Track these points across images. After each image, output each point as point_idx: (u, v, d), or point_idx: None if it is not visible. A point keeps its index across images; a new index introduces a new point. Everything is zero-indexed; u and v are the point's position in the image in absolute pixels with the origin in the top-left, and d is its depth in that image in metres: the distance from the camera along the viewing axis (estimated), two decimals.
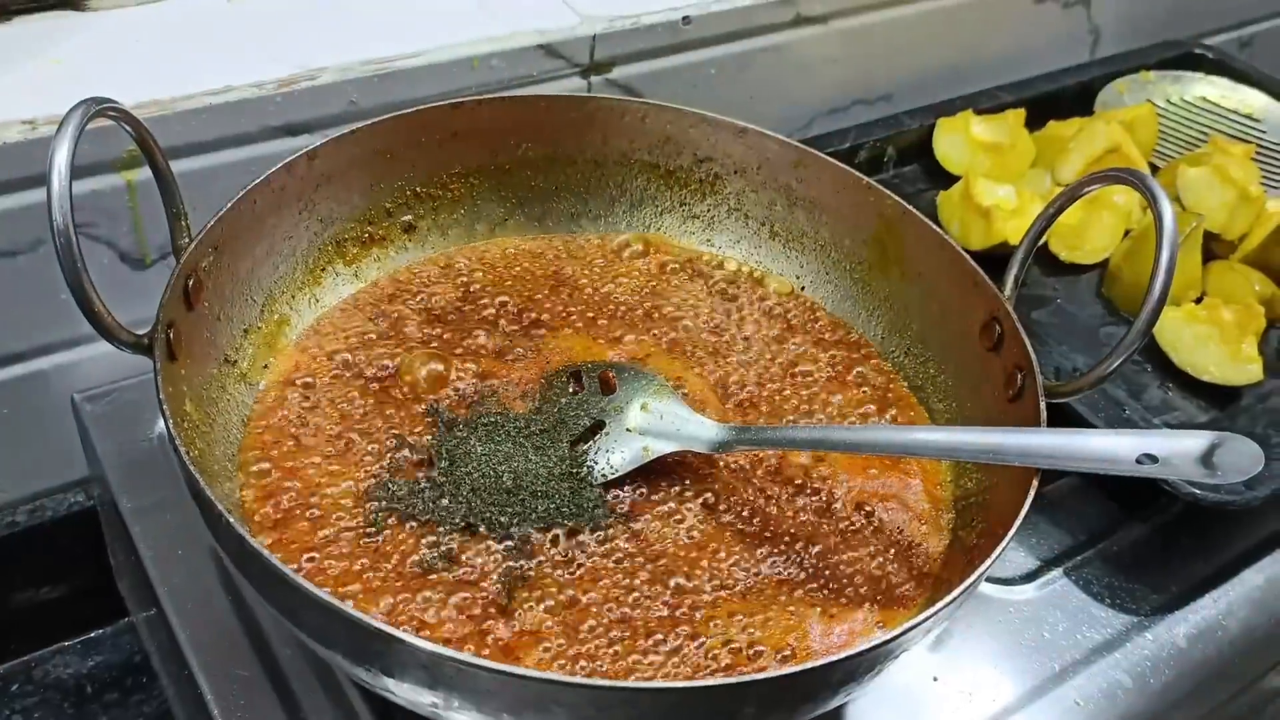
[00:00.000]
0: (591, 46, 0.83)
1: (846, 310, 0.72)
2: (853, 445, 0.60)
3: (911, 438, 0.58)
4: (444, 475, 0.57)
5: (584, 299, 0.71)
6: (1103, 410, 0.73)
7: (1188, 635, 0.67)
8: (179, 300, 0.55)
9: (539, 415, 0.62)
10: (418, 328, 0.67)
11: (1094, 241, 0.90)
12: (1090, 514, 0.73)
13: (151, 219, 0.70)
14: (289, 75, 0.72)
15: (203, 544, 0.64)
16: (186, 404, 0.55)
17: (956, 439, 0.57)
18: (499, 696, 0.44)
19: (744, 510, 0.60)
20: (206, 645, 0.59)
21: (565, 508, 0.57)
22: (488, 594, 0.53)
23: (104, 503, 0.72)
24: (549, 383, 0.64)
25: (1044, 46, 1.13)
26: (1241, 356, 0.80)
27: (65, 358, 0.73)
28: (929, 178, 0.98)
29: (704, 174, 0.75)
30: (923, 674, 0.62)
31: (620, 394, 0.62)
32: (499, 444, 0.59)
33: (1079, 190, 0.60)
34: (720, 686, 0.45)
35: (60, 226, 0.47)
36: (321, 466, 0.58)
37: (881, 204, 0.69)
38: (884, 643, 0.46)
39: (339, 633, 0.45)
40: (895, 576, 0.58)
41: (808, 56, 0.96)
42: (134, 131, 0.54)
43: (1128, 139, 0.95)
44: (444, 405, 0.62)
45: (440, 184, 0.72)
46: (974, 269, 0.64)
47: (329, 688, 0.58)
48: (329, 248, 0.68)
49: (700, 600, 0.55)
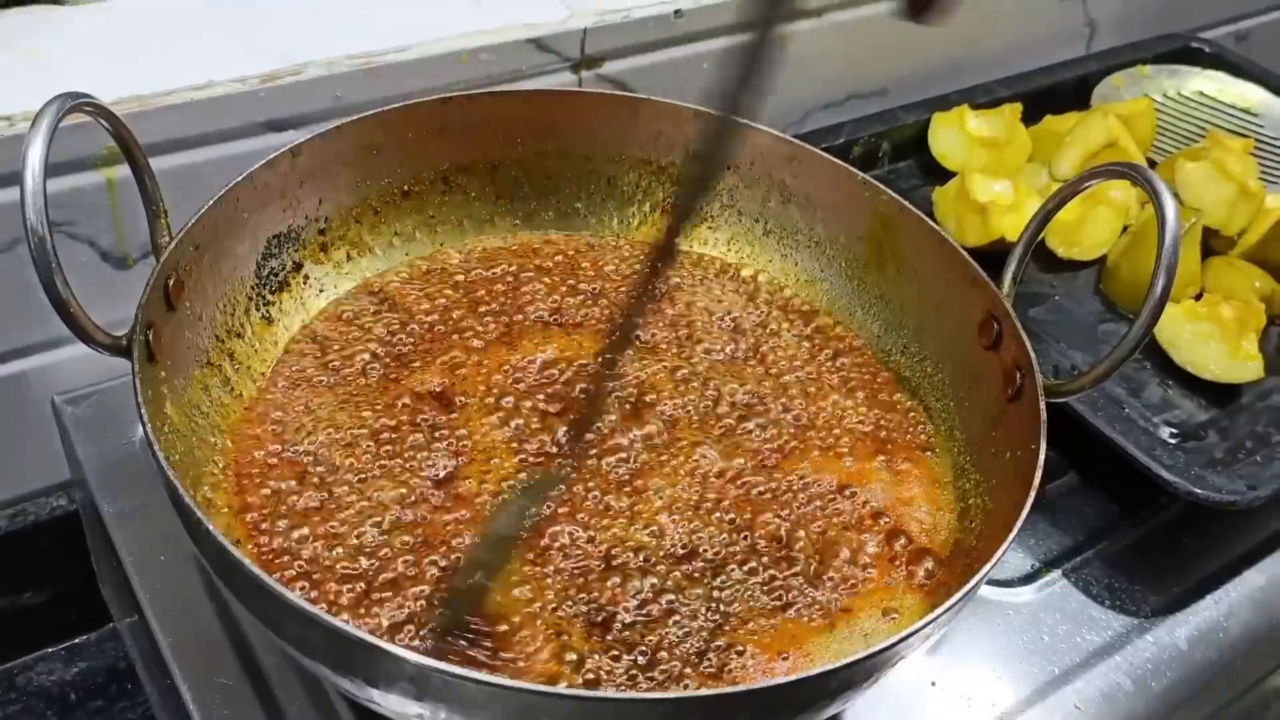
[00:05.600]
0: (582, 40, 0.81)
1: (842, 308, 0.71)
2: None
3: None
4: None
5: (575, 298, 0.70)
6: (1102, 409, 0.72)
7: (1189, 637, 0.66)
8: (159, 300, 0.54)
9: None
10: (407, 329, 0.66)
11: (1092, 238, 0.89)
12: (1090, 515, 0.72)
13: (133, 218, 0.69)
14: (273, 70, 0.71)
15: (185, 549, 0.62)
16: (167, 407, 0.53)
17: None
18: (487, 708, 0.42)
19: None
20: (189, 653, 0.58)
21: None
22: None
23: (85, 507, 0.71)
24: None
25: (1040, 41, 1.12)
26: (1242, 354, 0.79)
27: (45, 359, 0.71)
28: (924, 173, 0.97)
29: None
30: (921, 678, 0.61)
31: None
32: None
33: (1079, 185, 0.59)
34: (714, 696, 0.44)
35: (34, 224, 0.46)
36: (308, 473, 0.57)
37: (877, 200, 0.68)
38: (883, 650, 0.44)
39: (322, 643, 0.44)
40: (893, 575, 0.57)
41: (802, 50, 0.95)
42: (111, 127, 0.53)
43: (1125, 133, 0.94)
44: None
45: (429, 181, 0.70)
46: (971, 266, 0.63)
47: (315, 698, 0.57)
48: (314, 246, 0.67)
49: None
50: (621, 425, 0.61)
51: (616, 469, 0.59)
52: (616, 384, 0.62)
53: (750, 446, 0.62)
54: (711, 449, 0.61)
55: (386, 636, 0.50)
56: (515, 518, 0.55)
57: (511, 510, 0.56)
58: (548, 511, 0.56)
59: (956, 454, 0.63)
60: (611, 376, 0.62)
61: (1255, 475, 0.71)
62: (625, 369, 0.64)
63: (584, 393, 0.62)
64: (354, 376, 0.63)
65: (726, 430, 0.63)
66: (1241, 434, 0.76)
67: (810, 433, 0.64)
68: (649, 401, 0.63)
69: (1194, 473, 0.69)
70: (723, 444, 0.62)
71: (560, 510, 0.57)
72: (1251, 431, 0.77)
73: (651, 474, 0.59)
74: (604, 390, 0.62)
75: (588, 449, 0.59)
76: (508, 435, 0.60)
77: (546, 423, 0.61)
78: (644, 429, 0.62)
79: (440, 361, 0.64)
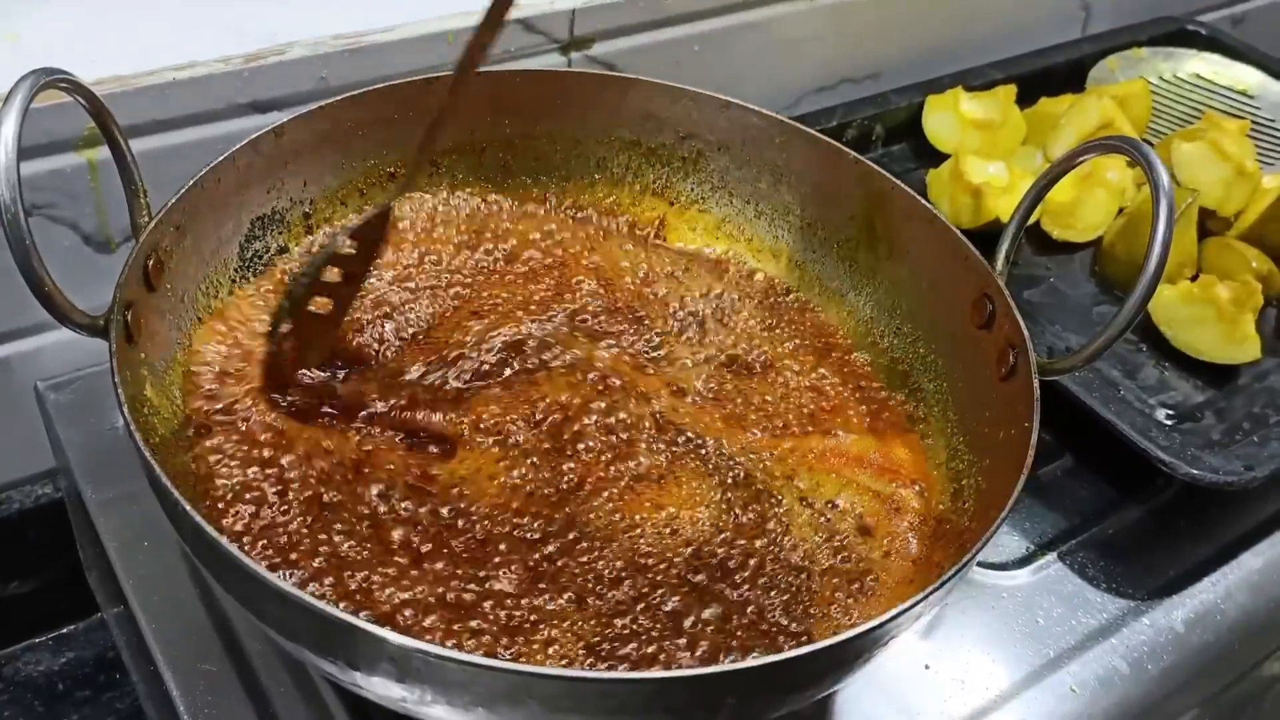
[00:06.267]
0: (571, 21, 0.80)
1: (833, 289, 0.71)
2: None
3: None
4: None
5: (568, 281, 0.69)
6: (1097, 390, 0.71)
7: (1185, 620, 0.66)
8: (138, 280, 0.53)
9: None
10: (392, 314, 0.65)
11: (1087, 219, 0.88)
12: (1085, 496, 0.71)
13: (115, 200, 0.67)
14: (256, 50, 0.70)
15: (170, 537, 0.61)
16: (147, 389, 0.53)
17: None
18: (471, 689, 0.42)
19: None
20: (174, 640, 0.58)
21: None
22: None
23: (70, 494, 0.70)
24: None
25: (1035, 23, 1.11)
26: (1238, 335, 0.78)
27: (28, 345, 0.70)
28: (918, 156, 0.96)
29: (687, 151, 0.73)
30: (914, 662, 0.61)
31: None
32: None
33: (1073, 160, 0.59)
34: (702, 676, 0.43)
35: (7, 201, 0.45)
36: (293, 456, 0.56)
37: (869, 180, 0.68)
38: (873, 628, 0.44)
39: (301, 624, 0.43)
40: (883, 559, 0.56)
41: (793, 33, 0.94)
42: (89, 104, 0.52)
43: (1121, 115, 0.94)
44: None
45: (415, 163, 0.69)
46: (964, 244, 0.62)
47: (301, 684, 0.56)
48: (299, 229, 0.66)
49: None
50: (604, 413, 0.61)
51: (621, 466, 0.58)
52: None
53: (743, 428, 0.61)
54: (708, 430, 0.60)
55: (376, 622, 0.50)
56: None
57: None
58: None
59: (949, 435, 0.62)
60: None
61: (1252, 456, 0.70)
62: (610, 360, 0.63)
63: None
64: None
65: (727, 413, 0.62)
66: (1238, 415, 0.76)
67: (800, 414, 0.63)
68: (644, 392, 0.62)
69: (1190, 454, 0.68)
70: (724, 425, 0.61)
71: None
72: (1248, 413, 0.76)
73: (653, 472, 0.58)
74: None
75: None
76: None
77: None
78: (620, 415, 0.61)
79: (423, 346, 0.63)
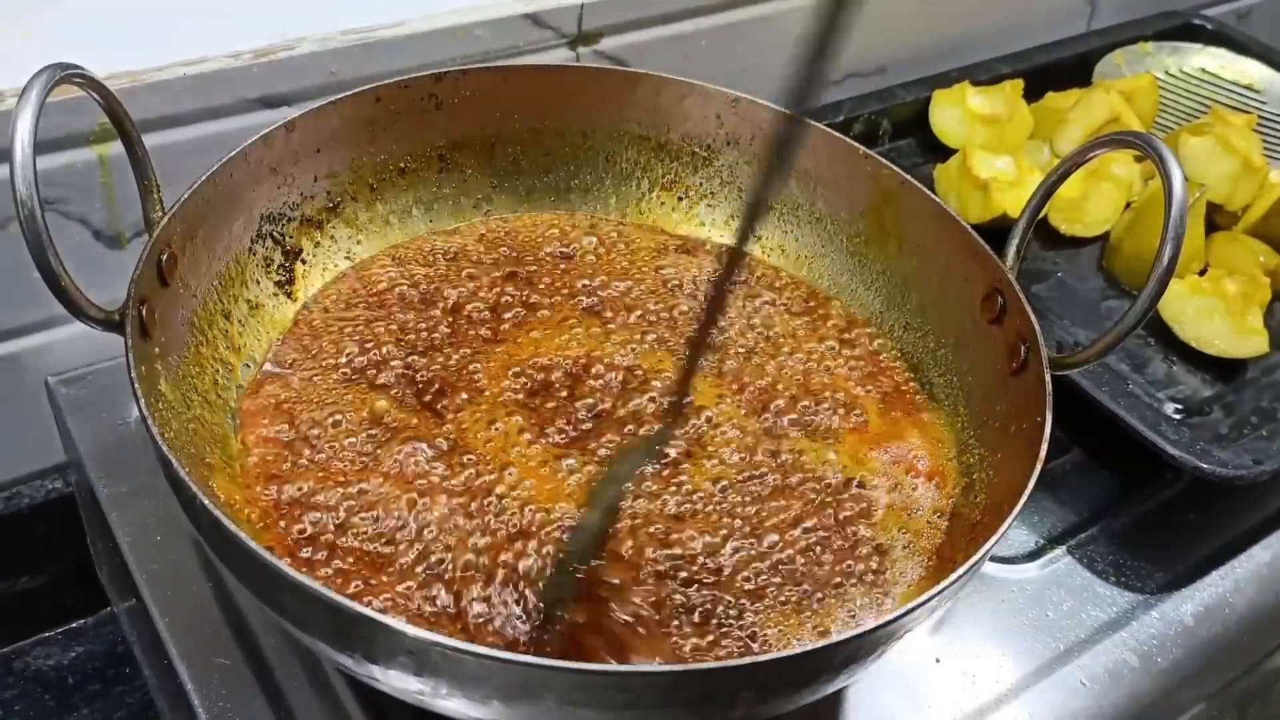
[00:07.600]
0: (580, 16, 0.80)
1: (843, 284, 0.71)
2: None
3: None
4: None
5: (573, 277, 0.69)
6: (1106, 384, 0.71)
7: (1194, 613, 0.66)
8: (152, 275, 0.53)
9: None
10: (403, 308, 0.65)
11: (1094, 214, 0.88)
12: (1094, 490, 0.72)
13: (126, 195, 0.68)
14: (266, 45, 0.70)
15: (183, 531, 0.62)
16: (161, 384, 0.53)
17: None
18: (487, 682, 0.42)
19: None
20: (187, 634, 0.58)
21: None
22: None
23: (81, 489, 0.70)
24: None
25: (1041, 17, 1.11)
26: (1247, 329, 0.78)
27: (39, 340, 0.71)
28: (925, 151, 0.96)
29: (695, 146, 0.73)
30: (924, 656, 0.61)
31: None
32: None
33: (1084, 155, 0.59)
34: (716, 670, 0.43)
35: (24, 196, 0.45)
36: (306, 452, 0.56)
37: (878, 174, 0.68)
38: (885, 624, 0.44)
39: (320, 619, 0.43)
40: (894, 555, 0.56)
41: (801, 27, 0.94)
42: (102, 100, 0.52)
43: (1127, 109, 0.94)
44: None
45: (425, 158, 0.70)
46: (974, 239, 0.62)
47: (313, 676, 0.56)
48: (310, 224, 0.66)
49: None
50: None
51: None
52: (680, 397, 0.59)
53: (755, 413, 0.61)
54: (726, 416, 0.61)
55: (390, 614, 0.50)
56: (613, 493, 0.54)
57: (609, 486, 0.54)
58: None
59: (960, 429, 0.62)
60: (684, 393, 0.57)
61: (1261, 450, 0.70)
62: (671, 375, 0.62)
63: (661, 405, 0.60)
64: (355, 356, 0.62)
65: (739, 399, 0.62)
66: (1247, 409, 0.76)
67: (813, 408, 0.63)
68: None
69: (1199, 448, 0.68)
70: (742, 411, 0.61)
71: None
72: (1257, 407, 0.76)
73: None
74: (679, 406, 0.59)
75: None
76: (517, 424, 0.59)
77: (548, 405, 0.60)
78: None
79: (442, 341, 0.63)
